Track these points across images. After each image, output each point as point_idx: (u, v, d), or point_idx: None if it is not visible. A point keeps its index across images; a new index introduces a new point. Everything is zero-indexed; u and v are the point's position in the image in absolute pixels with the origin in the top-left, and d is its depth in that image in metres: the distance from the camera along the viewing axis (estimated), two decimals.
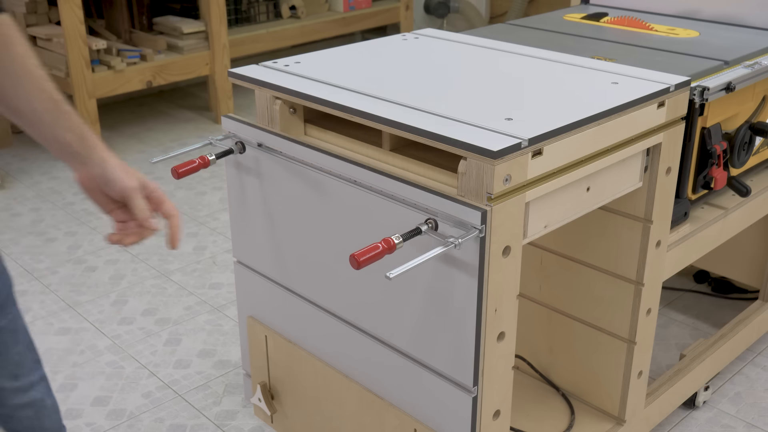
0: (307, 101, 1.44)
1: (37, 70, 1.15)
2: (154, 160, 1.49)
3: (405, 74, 1.56)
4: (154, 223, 1.17)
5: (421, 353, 1.38)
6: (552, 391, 1.87)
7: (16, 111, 1.15)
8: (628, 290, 1.64)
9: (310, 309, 1.57)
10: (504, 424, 1.39)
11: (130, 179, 1.15)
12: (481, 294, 1.24)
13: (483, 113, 1.33)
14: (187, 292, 2.65)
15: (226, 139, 1.58)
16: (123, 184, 1.15)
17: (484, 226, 1.19)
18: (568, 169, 1.32)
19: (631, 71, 1.57)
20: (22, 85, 1.13)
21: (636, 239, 1.59)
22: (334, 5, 4.73)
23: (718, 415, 2.07)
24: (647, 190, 1.55)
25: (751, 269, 2.29)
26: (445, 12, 5.03)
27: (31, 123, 1.17)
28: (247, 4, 4.39)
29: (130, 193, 1.15)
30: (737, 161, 1.80)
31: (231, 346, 2.37)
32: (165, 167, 3.58)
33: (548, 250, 1.77)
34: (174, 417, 2.08)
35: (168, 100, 4.57)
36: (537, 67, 1.61)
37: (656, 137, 1.49)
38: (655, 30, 2.03)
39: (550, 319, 1.82)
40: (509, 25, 2.12)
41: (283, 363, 1.68)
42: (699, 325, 2.42)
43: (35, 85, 1.14)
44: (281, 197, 1.52)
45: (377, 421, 1.50)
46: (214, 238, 3.01)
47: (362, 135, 1.43)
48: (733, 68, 1.73)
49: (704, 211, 1.84)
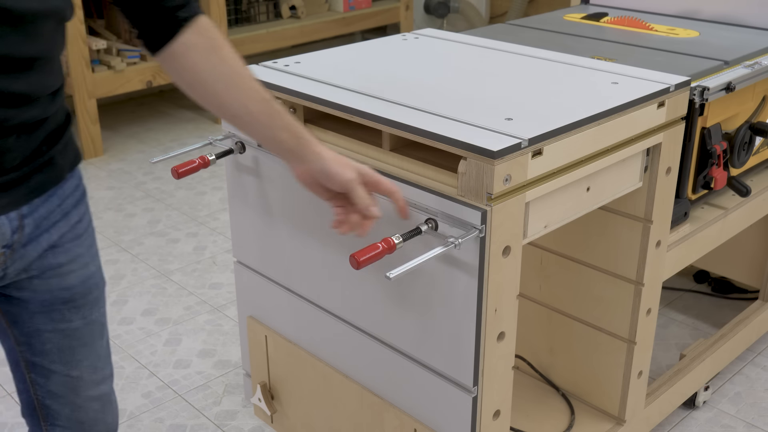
0: (307, 101, 1.44)
1: (246, 70, 1.17)
2: (154, 160, 1.49)
3: (405, 74, 1.56)
4: (375, 210, 1.20)
5: (421, 353, 1.38)
6: (552, 391, 1.87)
7: (234, 115, 1.18)
8: (628, 290, 1.64)
9: (310, 309, 1.57)
10: (504, 424, 1.39)
11: (347, 171, 1.18)
12: (481, 294, 1.24)
13: (483, 113, 1.33)
14: (187, 292, 2.65)
15: (226, 139, 1.57)
16: (342, 178, 1.18)
17: (484, 226, 1.19)
18: (568, 169, 1.32)
19: (631, 71, 1.57)
20: (236, 87, 1.15)
21: (636, 239, 1.59)
22: (334, 5, 4.73)
23: (718, 415, 2.07)
24: (647, 190, 1.55)
25: (751, 269, 2.29)
26: (445, 12, 5.03)
27: (248, 125, 1.19)
28: (247, 4, 4.39)
29: (350, 185, 1.18)
30: (737, 161, 1.80)
31: (231, 346, 2.37)
32: (165, 167, 3.58)
33: (548, 250, 1.77)
34: (174, 417, 2.08)
35: (168, 100, 4.58)
36: (537, 67, 1.61)
37: (656, 137, 1.49)
38: (655, 30, 2.03)
39: (550, 319, 1.82)
40: (509, 25, 2.12)
41: (283, 363, 1.68)
42: (699, 325, 2.42)
43: (247, 86, 1.16)
44: (281, 197, 1.52)
45: (377, 421, 1.50)
46: (214, 238, 3.01)
47: (362, 135, 1.43)
48: (733, 68, 1.73)
49: (704, 211, 1.84)
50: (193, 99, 1.19)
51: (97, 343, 1.26)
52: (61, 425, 1.27)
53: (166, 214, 3.21)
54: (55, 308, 1.18)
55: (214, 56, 1.14)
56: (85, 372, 1.25)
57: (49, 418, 1.27)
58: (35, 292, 1.16)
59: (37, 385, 1.24)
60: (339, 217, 1.23)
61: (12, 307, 1.18)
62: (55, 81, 1.07)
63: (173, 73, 1.17)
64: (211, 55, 1.14)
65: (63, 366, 1.23)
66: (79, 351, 1.23)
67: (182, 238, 3.01)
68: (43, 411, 1.26)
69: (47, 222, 1.12)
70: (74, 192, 1.17)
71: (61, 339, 1.21)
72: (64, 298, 1.18)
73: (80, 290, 1.19)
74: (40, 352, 1.21)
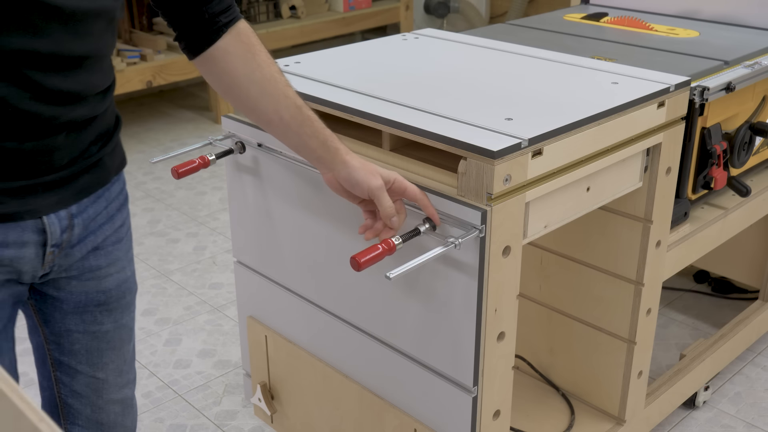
0: (307, 101, 1.44)
1: (281, 76, 1.19)
2: (154, 160, 1.49)
3: (405, 74, 1.56)
4: (396, 221, 1.21)
5: (421, 353, 1.38)
6: (552, 391, 1.87)
7: (267, 121, 1.20)
8: (628, 290, 1.64)
9: (310, 309, 1.57)
10: (504, 424, 1.39)
11: (373, 179, 1.19)
12: (481, 294, 1.24)
13: (483, 113, 1.33)
14: (187, 292, 2.65)
15: (226, 139, 1.58)
16: (368, 186, 1.19)
17: (484, 226, 1.19)
18: (568, 169, 1.32)
19: (631, 71, 1.57)
20: (269, 92, 1.17)
21: (636, 239, 1.59)
22: (334, 5, 4.73)
23: (718, 415, 2.07)
24: (647, 190, 1.55)
25: (751, 269, 2.29)
26: (445, 12, 5.03)
27: (279, 131, 1.21)
28: (247, 4, 4.39)
29: (376, 193, 1.19)
30: (737, 161, 1.80)
31: (231, 346, 2.37)
32: (165, 167, 3.58)
33: (548, 250, 1.77)
34: (174, 417, 2.08)
35: (168, 100, 4.57)
36: (537, 67, 1.61)
37: (656, 137, 1.49)
38: (655, 30, 2.03)
39: (550, 319, 1.82)
40: (509, 25, 2.12)
41: (283, 363, 1.68)
42: (699, 325, 2.42)
43: (281, 92, 1.18)
44: (281, 197, 1.52)
45: (377, 421, 1.50)
46: (214, 238, 3.01)
47: (362, 135, 1.43)
48: (733, 68, 1.73)
49: (704, 211, 1.84)
50: (228, 101, 1.21)
51: (125, 347, 1.27)
52: (81, 425, 1.28)
53: (166, 214, 3.21)
54: (89, 310, 1.19)
55: (252, 62, 1.16)
56: (111, 375, 1.26)
57: (69, 417, 1.27)
58: (71, 293, 1.16)
59: (62, 384, 1.25)
60: (366, 222, 1.25)
61: (46, 306, 1.18)
62: (105, 80, 1.08)
63: (210, 76, 1.19)
64: (249, 61, 1.16)
65: (89, 367, 1.23)
66: (106, 354, 1.24)
67: (182, 238, 3.01)
68: (64, 410, 1.27)
69: (94, 224, 1.13)
70: (119, 195, 1.18)
71: (90, 341, 1.21)
72: (98, 301, 1.19)
73: (115, 294, 1.21)
74: (68, 352, 1.21)
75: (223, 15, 1.14)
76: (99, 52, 1.04)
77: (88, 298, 1.18)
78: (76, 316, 1.18)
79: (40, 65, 0.95)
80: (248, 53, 1.16)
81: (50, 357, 1.23)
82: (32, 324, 1.22)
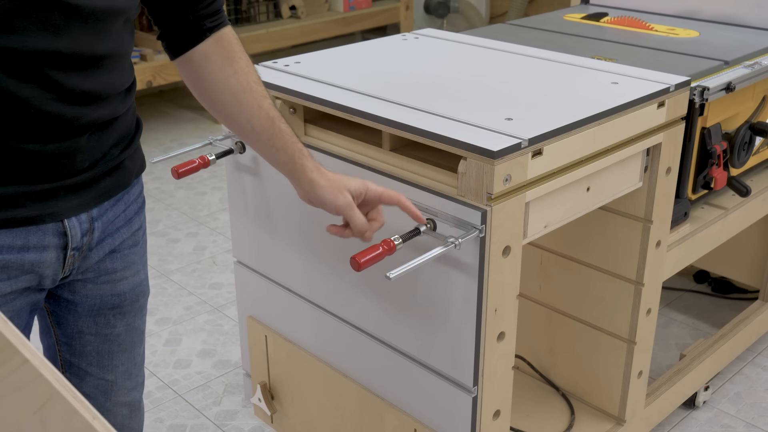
0: (307, 101, 1.44)
1: (258, 86, 1.18)
2: (154, 160, 1.49)
3: (405, 74, 1.56)
4: (369, 235, 1.20)
5: (421, 353, 1.38)
6: (552, 391, 1.87)
7: (239, 129, 1.19)
8: (628, 290, 1.64)
9: (310, 309, 1.57)
10: (504, 424, 1.39)
11: (341, 197, 1.18)
12: (481, 294, 1.24)
13: (483, 113, 1.33)
14: (187, 292, 2.65)
15: (226, 139, 1.57)
16: (335, 205, 1.18)
17: (484, 226, 1.19)
18: (568, 169, 1.32)
19: (631, 71, 1.57)
20: (242, 101, 1.16)
21: (636, 239, 1.59)
22: (334, 5, 4.73)
23: (718, 415, 2.07)
24: (647, 190, 1.55)
25: (751, 269, 2.29)
26: (445, 12, 5.03)
27: (251, 140, 1.20)
28: (247, 4, 4.39)
29: (344, 212, 1.18)
30: (737, 161, 1.80)
31: (231, 346, 2.37)
32: (165, 167, 3.58)
33: (548, 250, 1.77)
34: (174, 417, 2.08)
35: (168, 100, 4.57)
36: (537, 67, 1.61)
37: (656, 137, 1.49)
38: (655, 30, 2.03)
39: (550, 319, 1.82)
40: (509, 25, 2.12)
41: (283, 363, 1.67)
42: (699, 325, 2.42)
43: (255, 102, 1.17)
44: (281, 197, 1.52)
45: (377, 421, 1.50)
46: (214, 238, 3.01)
47: (362, 135, 1.43)
48: (733, 68, 1.73)
49: (704, 211, 1.84)
50: (203, 105, 1.21)
51: (136, 350, 1.27)
52: None
53: (166, 214, 3.21)
54: (102, 313, 1.19)
55: (228, 68, 1.15)
56: (120, 377, 1.26)
57: None
58: (87, 296, 1.16)
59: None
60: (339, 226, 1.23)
61: (60, 309, 1.18)
62: (125, 80, 1.08)
63: (187, 78, 1.19)
64: (226, 68, 1.15)
65: (99, 369, 1.23)
66: (117, 356, 1.24)
67: (182, 238, 3.01)
68: None
69: (112, 227, 1.13)
70: (137, 199, 1.18)
71: (101, 343, 1.21)
72: (112, 304, 1.19)
73: (129, 297, 1.21)
74: (79, 354, 1.21)
75: (209, 20, 1.14)
76: (118, 51, 1.04)
77: (102, 301, 1.17)
78: (89, 318, 1.18)
79: (62, 65, 0.96)
80: (227, 60, 1.16)
81: (60, 358, 1.23)
82: (44, 325, 1.22)
